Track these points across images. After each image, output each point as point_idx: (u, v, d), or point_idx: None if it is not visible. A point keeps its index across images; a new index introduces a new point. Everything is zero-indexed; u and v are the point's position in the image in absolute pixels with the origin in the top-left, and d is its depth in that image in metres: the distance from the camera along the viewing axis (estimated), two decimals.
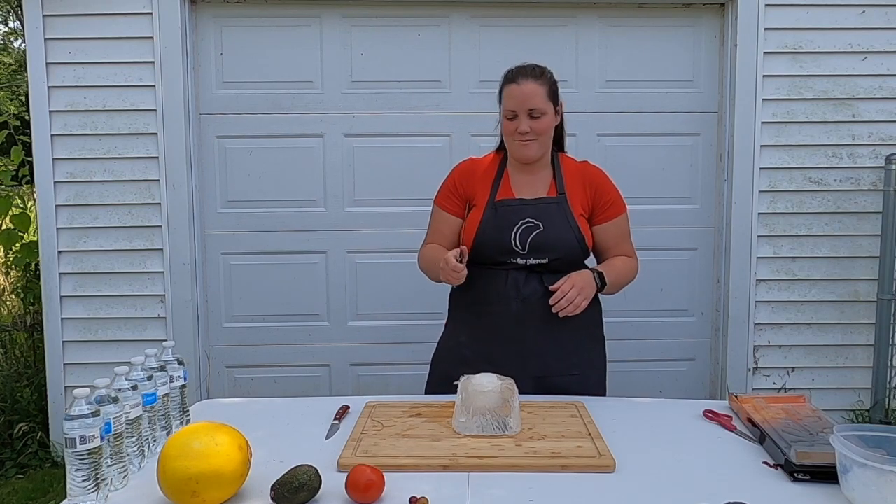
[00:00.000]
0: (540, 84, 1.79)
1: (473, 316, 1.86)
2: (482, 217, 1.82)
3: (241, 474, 1.19)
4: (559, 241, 1.79)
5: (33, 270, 3.42)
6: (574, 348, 1.84)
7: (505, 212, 1.81)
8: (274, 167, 3.12)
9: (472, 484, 1.25)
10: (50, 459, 3.08)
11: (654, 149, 3.16)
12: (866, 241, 3.10)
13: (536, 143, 1.80)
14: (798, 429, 1.40)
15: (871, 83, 3.05)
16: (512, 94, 1.79)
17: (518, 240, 1.79)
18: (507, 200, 1.83)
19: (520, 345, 1.80)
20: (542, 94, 1.78)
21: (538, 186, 1.86)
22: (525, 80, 1.78)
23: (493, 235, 1.80)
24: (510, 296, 1.80)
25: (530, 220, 1.80)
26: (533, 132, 1.78)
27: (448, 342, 1.94)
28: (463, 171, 1.92)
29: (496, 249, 1.80)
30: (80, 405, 1.16)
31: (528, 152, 1.81)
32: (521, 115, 1.77)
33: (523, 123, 1.77)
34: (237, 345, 3.19)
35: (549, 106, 1.79)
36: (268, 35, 3.07)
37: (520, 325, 1.80)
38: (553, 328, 1.79)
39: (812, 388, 3.12)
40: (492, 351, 1.80)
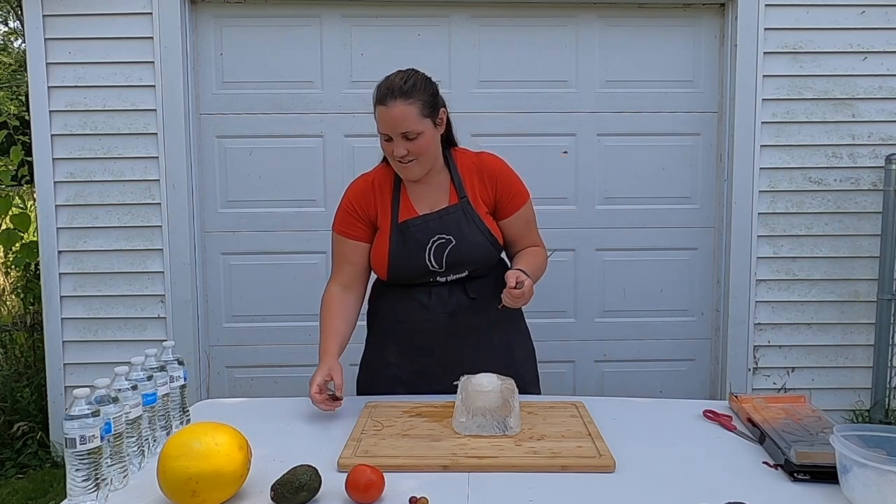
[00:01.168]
0: (410, 103, 1.63)
1: (400, 334, 1.80)
2: (390, 243, 1.73)
3: (241, 474, 1.19)
4: (474, 250, 1.72)
5: (33, 270, 3.42)
6: (506, 350, 1.81)
7: (412, 233, 1.72)
8: (274, 167, 3.12)
9: (472, 484, 1.25)
10: (50, 459, 3.08)
11: (654, 149, 3.16)
12: (866, 241, 3.10)
13: (416, 164, 1.68)
14: (798, 429, 1.40)
15: (871, 83, 3.05)
16: (382, 118, 1.65)
17: (433, 259, 1.72)
18: (411, 221, 1.73)
19: (454, 358, 1.74)
20: (414, 114, 1.63)
21: (437, 196, 1.76)
22: (393, 101, 1.63)
23: (407, 260, 1.72)
24: (436, 311, 1.75)
25: (440, 235, 1.71)
26: (410, 154, 1.66)
27: (375, 363, 1.86)
28: (358, 193, 1.79)
29: (413, 273, 1.74)
30: (80, 405, 1.16)
31: (409, 174, 1.71)
32: (395, 138, 1.65)
33: (398, 147, 1.65)
34: (237, 345, 3.19)
35: (424, 124, 1.65)
36: (268, 35, 3.07)
37: (450, 337, 1.76)
38: (482, 333, 1.77)
39: (812, 388, 3.12)
40: (426, 367, 1.76)
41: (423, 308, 1.76)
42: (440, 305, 1.75)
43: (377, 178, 1.80)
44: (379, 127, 1.67)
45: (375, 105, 1.67)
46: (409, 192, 1.77)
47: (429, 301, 1.76)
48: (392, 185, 1.77)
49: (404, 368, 1.80)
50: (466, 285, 1.76)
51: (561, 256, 3.19)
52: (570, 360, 3.24)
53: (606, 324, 3.24)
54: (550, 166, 3.13)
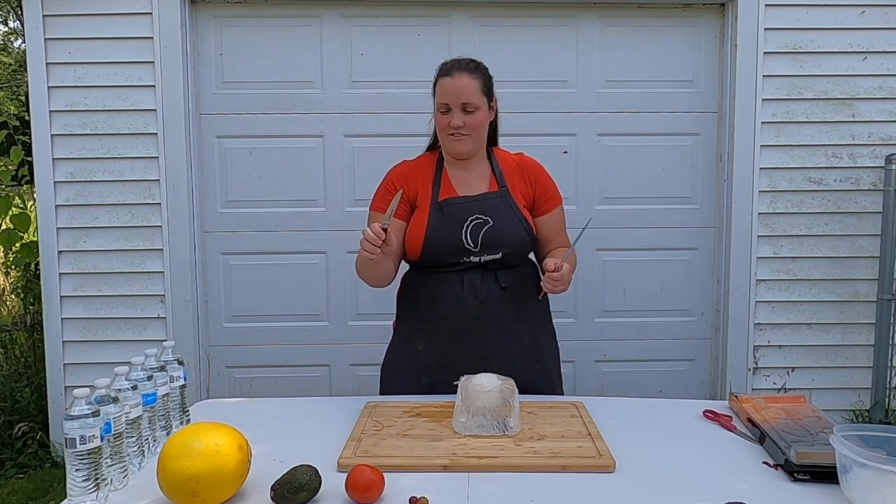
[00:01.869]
0: (474, 78, 1.76)
1: (430, 322, 1.80)
2: (429, 219, 1.77)
3: (241, 474, 1.19)
4: (510, 234, 1.77)
5: (33, 270, 3.42)
6: (534, 344, 1.84)
7: (451, 210, 1.77)
8: (274, 167, 3.12)
9: (472, 484, 1.25)
10: (50, 459, 3.08)
11: (654, 149, 3.16)
12: (866, 241, 3.10)
13: (469, 139, 1.76)
14: (798, 429, 1.40)
15: (871, 83, 3.05)
16: (445, 88, 1.75)
17: (469, 237, 1.75)
18: (451, 199, 1.79)
19: (482, 348, 1.76)
20: (476, 89, 1.75)
21: (478, 182, 1.83)
22: (459, 73, 1.75)
23: (443, 236, 1.75)
24: (468, 299, 1.76)
25: (479, 216, 1.76)
26: (466, 127, 1.74)
27: (402, 352, 1.86)
28: (399, 174, 1.86)
29: (448, 249, 1.76)
30: (80, 405, 1.16)
31: (460, 147, 1.77)
32: (454, 109, 1.74)
33: (456, 118, 1.74)
34: (237, 345, 3.19)
35: (482, 101, 1.76)
36: (268, 35, 3.07)
37: (479, 327, 1.77)
38: (512, 327, 1.79)
39: (812, 388, 3.12)
40: (454, 356, 1.75)
41: (455, 295, 1.77)
42: (472, 293, 1.77)
43: (421, 163, 1.88)
44: (440, 98, 1.76)
45: (438, 78, 1.77)
46: (451, 177, 1.83)
47: (460, 289, 1.77)
48: (434, 170, 1.84)
49: (432, 357, 1.80)
50: (498, 274, 1.78)
51: None
52: (570, 360, 3.23)
53: (606, 324, 3.24)
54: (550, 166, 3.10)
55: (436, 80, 1.79)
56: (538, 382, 1.80)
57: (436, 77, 1.79)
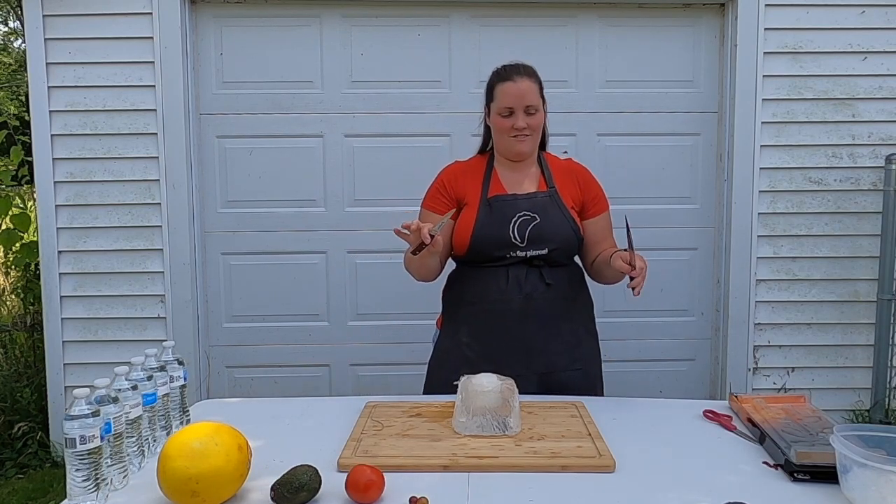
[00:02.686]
0: (534, 81, 1.84)
1: (474, 315, 1.85)
2: (478, 214, 1.83)
3: (241, 474, 1.19)
4: (557, 231, 1.81)
5: (33, 270, 3.42)
6: (575, 343, 1.86)
7: (500, 206, 1.83)
8: (274, 167, 3.12)
9: (472, 484, 1.25)
10: (50, 459, 3.08)
11: (654, 149, 3.16)
12: (866, 241, 3.10)
13: (531, 139, 1.84)
14: (798, 429, 1.40)
15: (871, 83, 3.05)
16: (508, 92, 1.81)
17: (517, 232, 1.80)
18: (500, 196, 1.85)
19: (523, 342, 1.80)
20: (536, 91, 1.84)
21: (528, 183, 1.89)
22: (520, 77, 1.83)
23: (491, 230, 1.80)
24: (512, 293, 1.80)
25: (526, 212, 1.81)
26: (529, 128, 1.82)
27: (448, 343, 1.90)
28: (451, 173, 1.93)
29: (495, 244, 1.80)
30: (80, 405, 1.16)
31: (523, 148, 1.84)
32: (517, 111, 1.81)
33: (520, 120, 1.81)
34: (237, 345, 3.19)
35: (541, 103, 1.85)
36: (268, 35, 3.07)
37: (523, 322, 1.80)
38: (554, 324, 1.82)
39: (812, 388, 3.12)
40: (495, 350, 1.80)
41: (499, 288, 1.81)
42: (516, 287, 1.80)
43: (471, 164, 1.94)
44: (503, 102, 1.81)
45: (497, 83, 1.84)
46: (501, 177, 1.89)
47: (505, 283, 1.81)
48: (485, 171, 1.90)
49: (474, 349, 1.83)
50: (543, 271, 1.82)
51: None
52: None
53: (606, 324, 3.21)
54: None
55: (493, 84, 1.86)
56: (579, 381, 1.83)
57: (492, 82, 1.87)
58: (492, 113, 1.87)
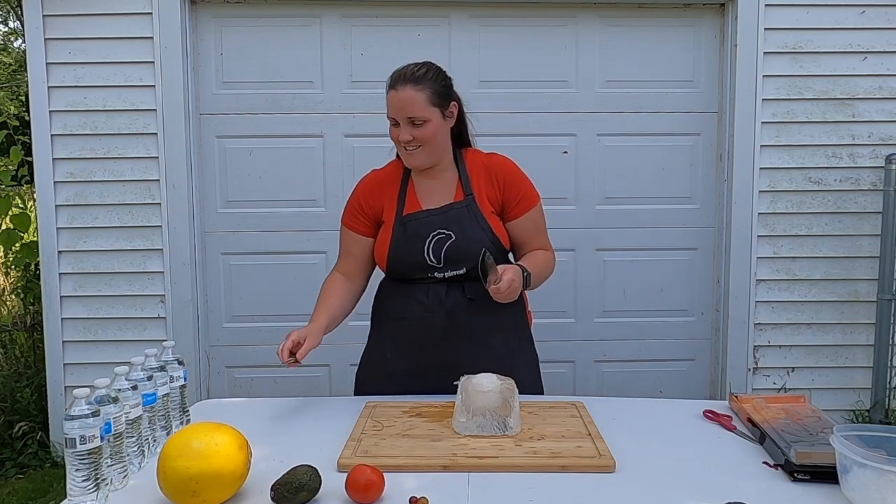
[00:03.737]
0: (419, 90, 1.67)
1: (398, 330, 1.79)
2: (392, 235, 1.74)
3: (241, 474, 1.19)
4: (474, 248, 1.66)
5: (33, 270, 3.42)
6: (507, 354, 1.77)
7: (414, 226, 1.73)
8: (274, 167, 3.12)
9: (472, 484, 1.25)
10: (50, 459, 3.08)
11: (654, 149, 3.16)
12: (866, 241, 3.10)
13: (421, 152, 1.70)
14: (798, 429, 1.40)
15: (871, 83, 3.05)
16: (391, 102, 1.70)
17: (432, 254, 1.72)
18: (414, 214, 1.74)
19: (449, 358, 1.71)
20: (422, 101, 1.66)
21: (444, 192, 1.77)
22: (403, 86, 1.67)
23: (407, 253, 1.73)
24: (434, 309, 1.74)
25: (441, 230, 1.72)
26: (415, 140, 1.68)
27: (373, 357, 1.87)
28: (366, 188, 1.83)
29: (411, 267, 1.74)
30: (80, 405, 1.16)
31: (413, 161, 1.73)
32: (401, 123, 1.69)
33: (404, 132, 1.68)
34: (237, 345, 3.19)
35: (432, 112, 1.68)
36: (268, 35, 3.07)
37: (446, 337, 1.74)
38: (480, 335, 1.75)
39: (812, 388, 3.12)
40: (420, 365, 1.75)
41: (421, 305, 1.75)
42: (437, 304, 1.74)
43: (388, 174, 1.84)
44: (388, 111, 1.71)
45: (387, 90, 1.71)
46: (417, 188, 1.79)
47: (426, 299, 1.75)
48: (401, 180, 1.80)
49: (399, 365, 1.78)
50: (465, 285, 1.74)
51: (561, 256, 3.19)
52: (570, 360, 3.24)
53: (606, 324, 3.24)
54: (550, 166, 3.13)
55: (386, 91, 1.72)
56: None
57: (386, 89, 1.72)
58: None
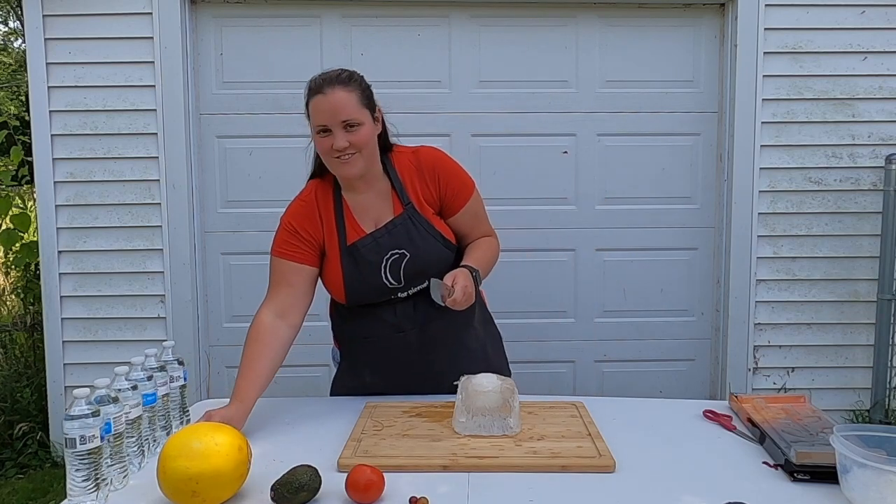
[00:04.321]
0: (349, 90, 1.56)
1: (372, 351, 1.73)
2: (342, 269, 1.66)
3: (241, 474, 1.19)
4: (430, 259, 1.64)
5: (33, 270, 3.42)
6: (482, 354, 1.78)
7: (363, 254, 1.64)
8: (274, 167, 3.12)
9: (472, 484, 1.25)
10: (50, 459, 3.08)
11: (654, 149, 3.16)
12: (866, 241, 3.10)
13: (359, 158, 1.59)
14: (798, 429, 1.40)
15: (871, 83, 3.05)
16: (320, 108, 1.55)
17: (390, 276, 1.65)
18: (359, 242, 1.65)
19: (428, 368, 1.71)
20: (355, 102, 1.56)
21: (381, 207, 1.68)
22: (332, 88, 1.55)
23: (363, 282, 1.65)
24: (405, 327, 1.68)
25: (393, 251, 1.64)
26: (352, 146, 1.56)
27: (349, 382, 1.79)
28: (297, 215, 1.69)
29: (372, 294, 1.67)
30: (80, 405, 1.16)
31: (350, 170, 1.59)
32: (334, 129, 1.55)
33: (339, 139, 1.55)
34: (237, 345, 3.15)
35: (364, 114, 1.58)
36: (268, 35, 3.07)
37: (423, 350, 1.70)
38: (456, 341, 1.74)
39: (812, 388, 3.12)
40: (402, 380, 1.73)
41: (391, 325, 1.69)
42: (408, 321, 1.69)
43: (317, 198, 1.70)
44: (316, 120, 1.57)
45: (309, 98, 1.58)
46: (353, 209, 1.68)
47: (395, 318, 1.69)
48: (333, 205, 1.68)
49: (381, 385, 1.75)
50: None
51: (561, 256, 3.20)
52: (570, 360, 3.24)
53: (606, 324, 3.24)
54: (550, 166, 3.13)
55: (307, 100, 1.59)
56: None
57: (307, 97, 1.59)
58: (312, 132, 1.61)
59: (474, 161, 3.02)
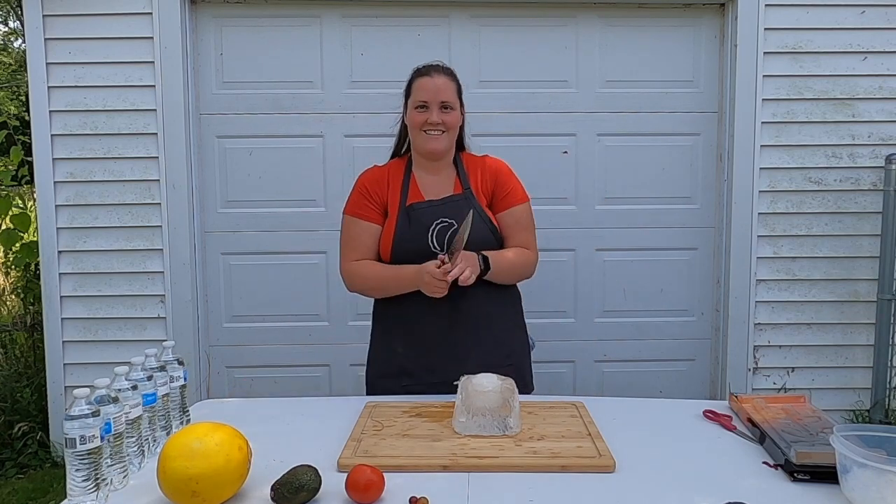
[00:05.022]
0: (451, 80, 1.86)
1: (405, 325, 1.85)
2: (396, 224, 1.83)
3: (241, 474, 1.19)
4: (475, 235, 1.75)
5: (33, 270, 3.42)
6: (506, 339, 1.89)
7: (417, 215, 1.82)
8: (274, 167, 3.12)
9: (472, 484, 1.25)
10: (50, 459, 3.08)
11: (654, 149, 3.16)
12: (866, 241, 3.10)
13: (445, 136, 1.83)
14: (798, 429, 1.40)
15: (871, 83, 3.05)
16: (424, 87, 1.83)
17: (435, 240, 1.80)
18: (417, 204, 1.84)
19: (455, 347, 1.81)
20: (453, 89, 1.85)
21: (444, 186, 1.88)
22: (438, 73, 1.84)
23: (411, 240, 1.81)
24: (439, 302, 1.76)
25: (443, 219, 1.81)
26: (443, 124, 1.82)
27: (382, 354, 1.92)
28: (371, 179, 1.91)
29: (415, 253, 1.79)
30: (80, 405, 1.16)
31: (436, 145, 1.83)
32: (432, 106, 1.81)
33: (434, 114, 1.81)
34: (237, 345, 3.19)
35: (457, 102, 1.85)
36: (268, 35, 3.07)
37: (452, 328, 1.81)
38: (484, 324, 1.84)
39: (812, 388, 3.12)
40: (429, 357, 1.81)
41: (426, 298, 1.76)
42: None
43: (390, 169, 1.93)
44: (417, 96, 1.82)
45: (414, 78, 1.86)
46: (419, 182, 1.89)
47: None
48: (403, 175, 1.89)
49: (411, 358, 1.84)
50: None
51: (561, 256, 3.19)
52: (570, 360, 3.24)
53: (606, 324, 3.24)
54: (550, 166, 3.13)
55: (411, 80, 1.87)
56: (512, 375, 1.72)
57: (411, 78, 1.87)
58: (408, 109, 1.86)
59: None
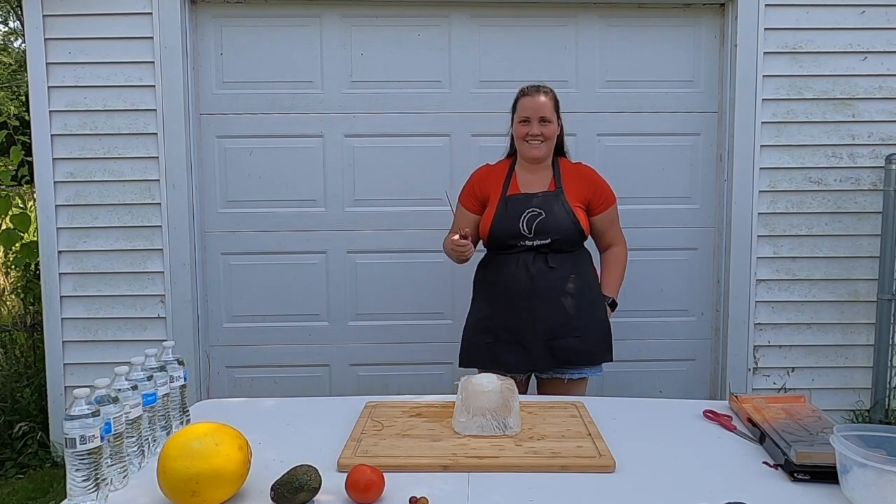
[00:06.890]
0: (548, 98, 2.27)
1: (493, 292, 2.28)
2: (496, 209, 2.26)
3: (241, 474, 1.19)
4: (558, 225, 2.21)
5: (33, 270, 3.42)
6: (575, 315, 2.23)
7: (513, 204, 2.25)
8: (274, 167, 3.12)
9: (472, 484, 1.25)
10: (50, 459, 3.08)
11: (654, 149, 3.16)
12: (866, 241, 3.10)
13: (544, 145, 2.25)
14: (798, 429, 1.40)
15: (871, 83, 3.05)
16: (527, 105, 2.26)
17: (525, 225, 2.21)
18: (514, 195, 2.27)
19: (531, 314, 2.20)
20: (550, 107, 2.26)
21: (541, 183, 2.30)
22: (538, 93, 2.27)
23: (505, 223, 2.23)
24: (521, 274, 2.21)
25: (534, 209, 2.22)
26: (542, 135, 2.24)
27: (475, 315, 2.35)
28: (481, 175, 2.38)
29: (508, 234, 2.22)
30: (80, 405, 1.16)
31: (536, 153, 2.25)
32: (533, 121, 2.24)
33: (535, 127, 2.23)
34: (237, 345, 3.19)
35: (553, 117, 2.26)
36: (268, 35, 3.07)
37: (530, 298, 2.20)
38: (556, 299, 2.21)
39: (812, 388, 3.12)
40: (510, 320, 2.22)
41: (511, 272, 2.22)
42: (524, 270, 2.21)
43: (498, 167, 2.38)
44: (521, 113, 2.26)
45: (520, 97, 2.29)
46: (519, 178, 2.31)
47: (515, 266, 2.22)
48: (507, 172, 2.32)
49: (495, 320, 2.26)
50: (548, 257, 2.21)
51: None
52: None
53: None
54: None
55: (517, 99, 2.30)
56: (577, 346, 2.21)
57: (517, 97, 2.30)
58: (514, 122, 2.29)
59: (474, 161, 3.00)
